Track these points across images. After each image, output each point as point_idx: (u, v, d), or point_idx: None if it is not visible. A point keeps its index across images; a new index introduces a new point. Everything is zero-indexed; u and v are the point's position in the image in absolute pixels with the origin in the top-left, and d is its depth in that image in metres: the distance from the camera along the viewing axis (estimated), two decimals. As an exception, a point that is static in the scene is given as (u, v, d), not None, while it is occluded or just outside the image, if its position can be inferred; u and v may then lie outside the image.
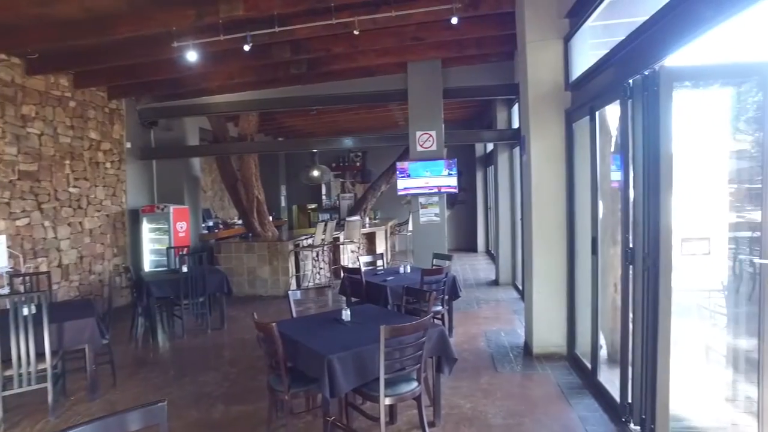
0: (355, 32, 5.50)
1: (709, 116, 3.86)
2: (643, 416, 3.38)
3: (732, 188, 3.89)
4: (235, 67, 7.47)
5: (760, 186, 3.27)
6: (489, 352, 5.40)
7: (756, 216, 3.30)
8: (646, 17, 3.16)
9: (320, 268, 10.05)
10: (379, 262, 6.80)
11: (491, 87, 8.11)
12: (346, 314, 3.76)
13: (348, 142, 9.85)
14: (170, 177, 9.47)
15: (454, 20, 5.40)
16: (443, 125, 7.92)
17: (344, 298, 5.96)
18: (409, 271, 6.08)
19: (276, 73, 7.63)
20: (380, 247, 12.01)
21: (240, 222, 11.08)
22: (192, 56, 5.69)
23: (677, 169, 3.15)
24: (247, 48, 5.53)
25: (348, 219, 10.48)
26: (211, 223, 10.86)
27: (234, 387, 4.71)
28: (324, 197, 15.46)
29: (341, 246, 10.58)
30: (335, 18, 5.34)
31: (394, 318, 4.06)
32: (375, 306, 4.72)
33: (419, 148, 7.90)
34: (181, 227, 8.68)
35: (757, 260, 3.25)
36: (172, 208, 8.61)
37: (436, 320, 4.87)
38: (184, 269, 6.41)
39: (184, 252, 7.36)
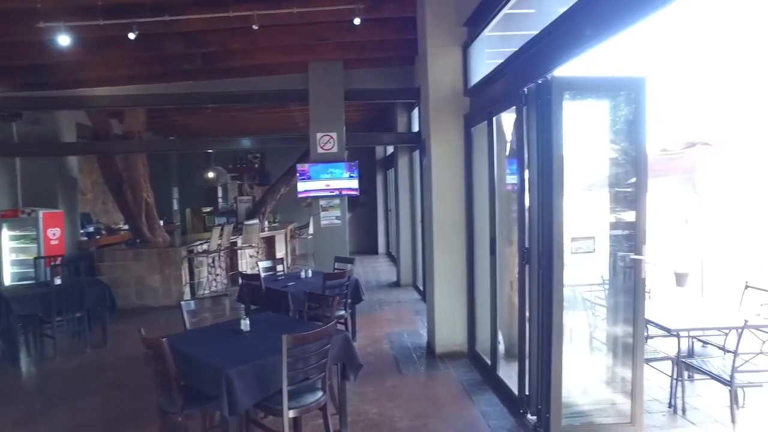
0: (254, 27, 5.25)
1: (592, 125, 4.20)
2: (539, 406, 3.56)
3: (611, 191, 4.26)
4: (119, 58, 6.81)
5: (632, 190, 3.63)
6: (393, 355, 5.43)
7: (630, 216, 3.65)
8: (539, 30, 3.36)
9: (216, 275, 9.50)
10: (279, 267, 6.57)
11: (392, 90, 8.22)
12: (244, 324, 3.54)
13: (246, 142, 9.42)
14: (41, 177, 8.39)
15: (357, 21, 5.37)
16: (344, 127, 7.87)
17: (243, 307, 5.66)
18: (310, 275, 5.94)
19: (167, 67, 7.08)
20: (280, 252, 11.67)
21: (126, 227, 10.15)
22: (64, 40, 5.06)
23: (568, 173, 3.39)
24: (132, 36, 5.05)
25: (246, 223, 10.04)
26: (91, 229, 9.80)
27: (118, 412, 4.25)
28: (220, 200, 14.70)
29: (239, 251, 10.12)
30: (232, 11, 5.06)
31: (296, 326, 3.90)
32: (276, 314, 4.52)
33: (320, 150, 7.77)
34: (54, 234, 7.73)
35: (632, 256, 3.58)
36: (41, 212, 7.64)
37: (339, 325, 4.78)
38: (57, 281, 5.68)
39: (57, 262, 6.54)
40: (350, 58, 7.67)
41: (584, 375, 4.45)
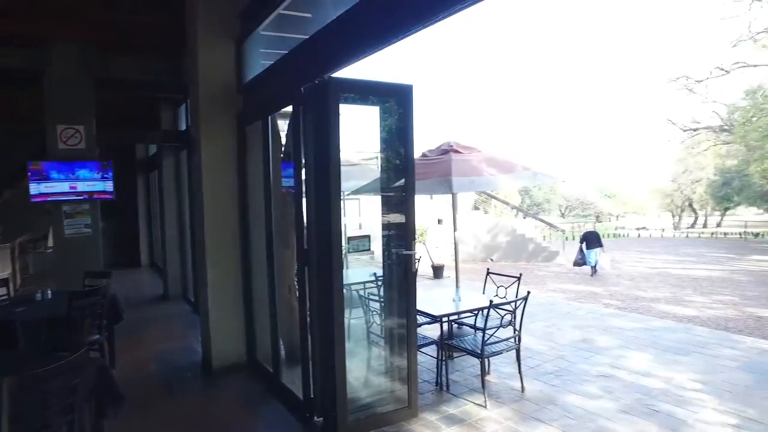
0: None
1: (366, 129, 4.41)
2: (326, 407, 3.56)
3: (384, 193, 4.54)
4: None
5: (401, 193, 3.92)
6: (163, 377, 4.82)
7: (400, 217, 3.94)
8: (317, 31, 3.35)
9: None
10: (2, 290, 5.23)
11: (157, 82, 7.36)
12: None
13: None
14: None
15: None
16: (95, 121, 6.72)
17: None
18: (49, 296, 4.87)
19: None
20: (3, 271, 9.36)
21: None
22: None
23: (345, 175, 3.47)
24: None
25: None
26: None
27: None
28: None
29: (-61, 274, 7.75)
30: None
31: (28, 362, 3.10)
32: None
33: (62, 146, 6.48)
34: None
35: (404, 251, 3.86)
36: None
37: (93, 353, 4.01)
38: None
39: None
40: (106, 41, 6.58)
41: (365, 369, 4.67)
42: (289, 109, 3.79)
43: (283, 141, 4.49)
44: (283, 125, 4.39)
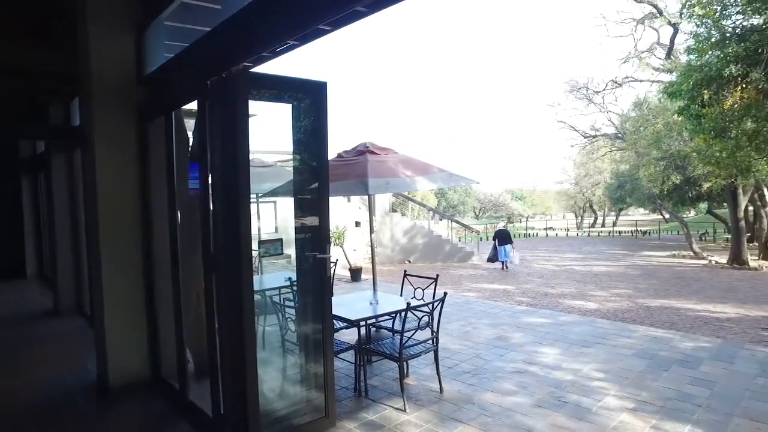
0: None
1: (278, 128, 4.21)
2: (237, 423, 3.32)
3: (297, 195, 4.36)
4: None
5: (314, 196, 3.78)
6: (47, 406, 4.28)
7: (314, 220, 3.79)
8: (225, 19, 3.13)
9: None
10: None
11: (39, 71, 6.60)
12: None
13: None
14: None
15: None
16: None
17: None
18: None
19: None
20: None
21: None
22: None
23: (255, 176, 3.26)
24: None
25: None
26: None
27: None
28: None
29: None
30: None
31: None
32: None
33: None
34: None
35: (318, 255, 3.72)
36: None
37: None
38: None
39: None
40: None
41: (280, 378, 4.45)
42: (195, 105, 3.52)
43: (191, 137, 4.18)
44: (192, 123, 4.08)
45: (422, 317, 4.17)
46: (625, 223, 46.02)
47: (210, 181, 3.40)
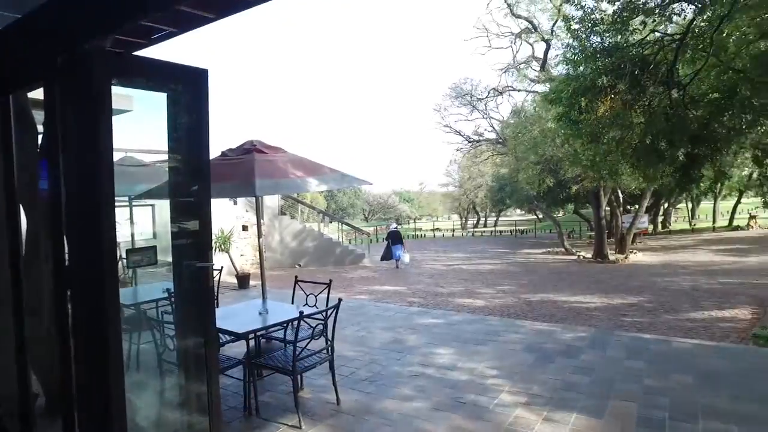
0: None
1: (150, 122, 3.71)
2: (97, 467, 2.80)
3: (174, 197, 3.89)
4: None
5: (194, 198, 3.37)
6: None
7: (194, 224, 3.38)
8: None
9: None
10: None
11: None
12: None
13: None
14: None
15: None
16: None
17: None
18: None
19: None
20: None
21: None
22: None
23: (122, 176, 2.78)
24: None
25: None
26: None
27: None
28: None
29: None
30: None
31: None
32: None
33: None
34: None
35: (198, 264, 3.31)
36: None
37: None
38: None
39: None
40: None
41: (157, 404, 3.93)
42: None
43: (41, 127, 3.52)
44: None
45: (316, 326, 3.92)
46: (505, 224, 49.49)
47: (64, 182, 2.85)
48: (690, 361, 4.99)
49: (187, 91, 3.27)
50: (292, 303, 5.21)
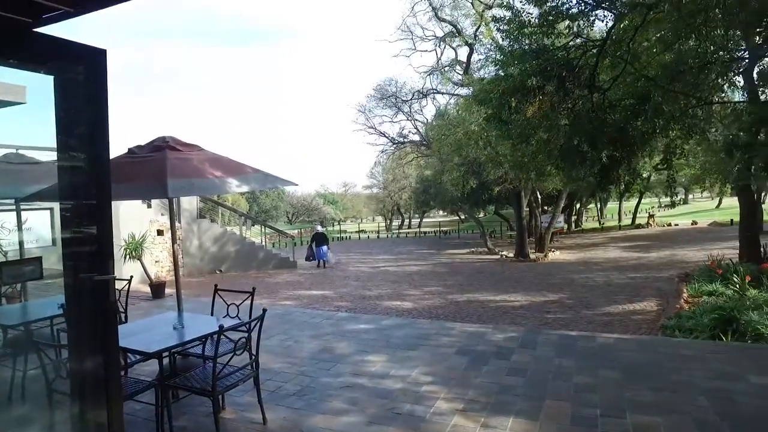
0: None
1: (35, 110, 3.16)
2: None
3: (65, 201, 3.36)
4: None
5: (93, 201, 2.92)
6: None
7: (91, 230, 2.92)
8: None
9: None
10: None
11: None
12: None
13: None
14: None
15: None
16: None
17: None
18: None
19: None
20: None
21: None
22: None
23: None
24: None
25: None
26: None
27: None
28: None
29: None
30: None
31: None
32: None
33: None
34: None
35: (97, 276, 2.86)
36: None
37: None
38: None
39: None
40: None
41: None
42: None
43: None
44: None
45: (239, 339, 3.55)
46: (429, 225, 50.46)
47: None
48: (614, 356, 5.14)
49: (82, 75, 2.80)
50: (212, 314, 4.77)
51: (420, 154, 29.13)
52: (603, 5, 6.34)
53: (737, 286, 7.94)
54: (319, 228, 19.93)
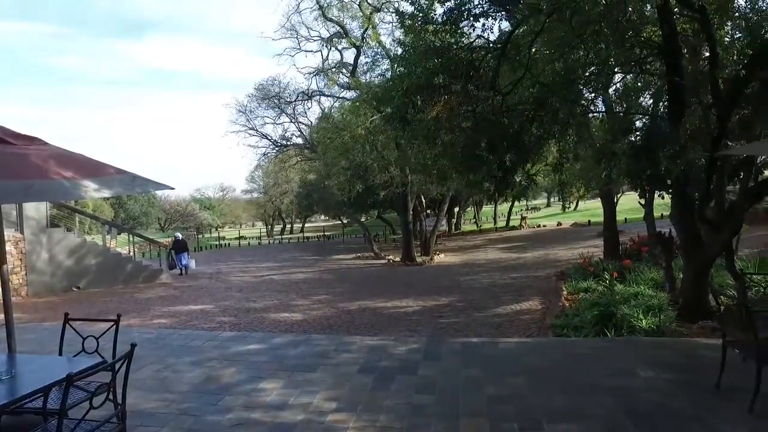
0: None
1: None
2: None
3: None
4: None
5: None
6: None
7: None
8: None
9: None
10: None
11: None
12: None
13: None
14: None
15: None
16: None
17: None
18: None
19: None
20: None
21: None
22: None
23: None
24: None
25: None
26: None
27: None
28: None
29: None
30: None
31: None
32: None
33: None
34: None
35: None
36: None
37: None
38: None
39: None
40: None
41: None
42: None
43: None
44: None
45: (98, 387, 2.74)
46: (312, 229, 49.67)
47: None
48: (517, 361, 5.08)
49: None
50: (60, 353, 3.78)
51: (304, 158, 28.36)
52: (506, 7, 6.41)
53: (607, 282, 8.57)
54: (179, 235, 19.31)
